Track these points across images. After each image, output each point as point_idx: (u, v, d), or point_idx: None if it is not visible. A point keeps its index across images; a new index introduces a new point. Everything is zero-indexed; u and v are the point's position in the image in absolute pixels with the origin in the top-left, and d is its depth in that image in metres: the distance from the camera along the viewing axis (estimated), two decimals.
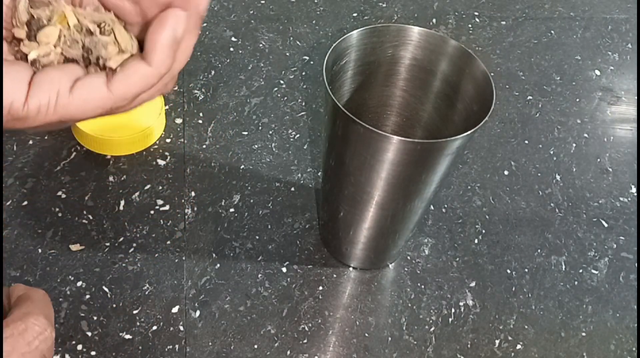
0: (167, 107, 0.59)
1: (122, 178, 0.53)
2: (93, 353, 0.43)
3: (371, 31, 0.41)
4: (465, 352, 0.46)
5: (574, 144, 0.62)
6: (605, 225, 0.55)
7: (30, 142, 0.54)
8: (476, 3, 0.77)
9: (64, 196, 0.51)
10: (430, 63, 0.43)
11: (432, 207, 0.55)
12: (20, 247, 0.47)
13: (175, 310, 0.46)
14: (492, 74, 0.39)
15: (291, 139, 0.59)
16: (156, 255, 0.48)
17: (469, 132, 0.35)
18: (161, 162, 0.55)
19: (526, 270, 0.51)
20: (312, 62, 0.66)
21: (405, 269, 0.50)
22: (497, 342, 0.47)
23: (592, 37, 0.75)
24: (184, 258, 0.48)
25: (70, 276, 0.46)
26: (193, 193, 0.53)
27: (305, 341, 0.45)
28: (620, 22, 0.77)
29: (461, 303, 0.48)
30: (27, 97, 0.21)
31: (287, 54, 0.67)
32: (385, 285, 0.49)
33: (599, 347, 0.47)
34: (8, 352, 0.28)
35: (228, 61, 0.65)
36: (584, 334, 0.48)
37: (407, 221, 0.44)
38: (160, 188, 0.53)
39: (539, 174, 0.59)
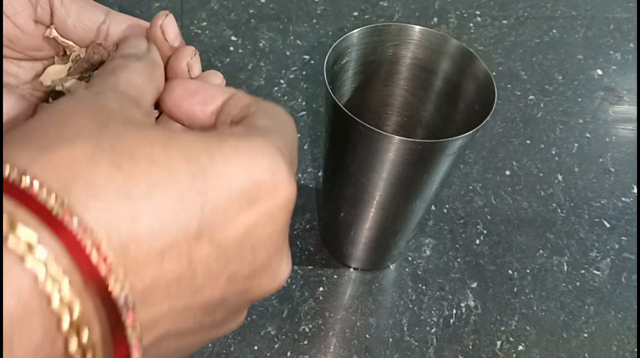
0: None
1: None
2: None
3: (372, 30, 0.41)
4: (466, 353, 0.45)
5: (576, 144, 0.62)
6: (608, 225, 0.55)
7: None
8: (478, 2, 0.77)
9: None
10: (431, 62, 0.43)
11: (433, 207, 0.54)
12: None
13: None
14: (493, 73, 0.39)
15: None
16: None
17: (470, 132, 0.35)
18: None
19: (528, 271, 0.51)
20: (312, 62, 0.66)
21: (406, 270, 0.50)
22: (498, 343, 0.46)
23: (594, 37, 0.74)
24: None
25: None
26: None
27: (305, 342, 0.45)
28: (622, 21, 0.77)
29: (462, 304, 0.48)
30: None
31: (288, 53, 0.66)
32: (386, 285, 0.49)
33: (601, 348, 0.47)
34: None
35: (228, 60, 0.64)
36: (585, 335, 0.47)
37: (408, 221, 0.44)
38: None
39: (541, 174, 0.58)
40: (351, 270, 0.50)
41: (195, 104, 0.22)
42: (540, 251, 0.52)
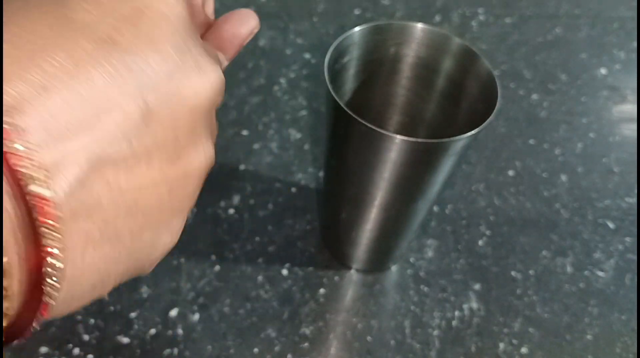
0: None
1: None
2: (90, 356, 0.42)
3: (374, 29, 0.40)
4: (469, 355, 0.45)
5: (580, 144, 0.61)
6: (611, 226, 0.54)
7: None
8: (481, 0, 0.76)
9: None
10: (434, 61, 0.42)
11: (435, 208, 0.54)
12: None
13: (173, 313, 0.45)
14: (496, 72, 0.38)
15: (292, 139, 0.58)
16: None
17: (473, 132, 0.34)
18: None
19: (531, 272, 0.50)
20: (313, 61, 0.66)
21: (408, 271, 0.49)
22: (501, 345, 0.46)
23: (598, 35, 0.74)
24: (182, 260, 0.48)
25: None
26: None
27: (306, 344, 0.44)
28: (626, 20, 0.77)
29: (465, 306, 0.48)
30: None
31: (288, 52, 0.66)
32: (388, 287, 0.48)
33: (605, 350, 0.46)
34: None
35: None
36: (589, 337, 0.47)
37: (410, 222, 0.43)
38: None
39: (544, 175, 0.58)
40: (352, 271, 0.49)
41: None
42: (544, 252, 0.52)
